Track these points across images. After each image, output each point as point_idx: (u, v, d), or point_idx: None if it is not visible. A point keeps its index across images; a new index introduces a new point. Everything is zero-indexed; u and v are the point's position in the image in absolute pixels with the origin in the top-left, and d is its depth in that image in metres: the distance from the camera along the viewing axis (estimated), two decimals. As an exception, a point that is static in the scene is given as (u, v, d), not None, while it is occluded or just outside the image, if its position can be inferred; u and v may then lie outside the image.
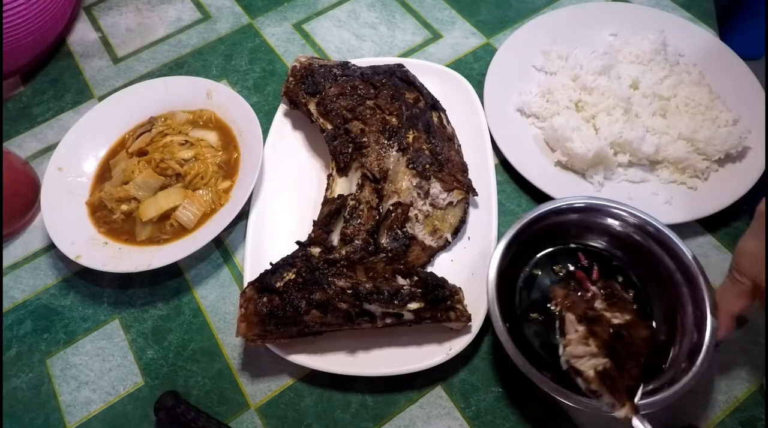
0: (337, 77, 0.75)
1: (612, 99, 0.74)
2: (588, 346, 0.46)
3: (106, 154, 0.78)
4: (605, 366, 0.45)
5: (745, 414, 0.60)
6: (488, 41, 0.90)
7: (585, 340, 0.46)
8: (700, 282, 0.57)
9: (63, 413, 0.64)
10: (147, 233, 0.71)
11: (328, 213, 0.66)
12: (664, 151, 0.72)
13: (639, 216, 0.62)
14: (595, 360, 0.45)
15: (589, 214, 0.64)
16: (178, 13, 0.98)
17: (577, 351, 0.46)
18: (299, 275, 0.60)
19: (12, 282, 0.73)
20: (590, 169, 0.72)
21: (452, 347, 0.61)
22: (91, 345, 0.68)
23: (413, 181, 0.67)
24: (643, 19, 0.85)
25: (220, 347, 0.67)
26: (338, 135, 0.70)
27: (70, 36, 0.96)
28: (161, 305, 0.70)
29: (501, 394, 0.62)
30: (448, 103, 0.77)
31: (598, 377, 0.44)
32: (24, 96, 0.90)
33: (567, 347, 0.47)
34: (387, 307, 0.58)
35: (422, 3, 0.95)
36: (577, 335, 0.47)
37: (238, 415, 0.62)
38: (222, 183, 0.74)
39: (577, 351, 0.46)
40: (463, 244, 0.69)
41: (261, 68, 0.90)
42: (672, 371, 0.55)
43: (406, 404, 0.62)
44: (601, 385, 0.44)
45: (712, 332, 0.54)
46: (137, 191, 0.72)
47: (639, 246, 0.62)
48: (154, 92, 0.81)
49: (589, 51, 0.81)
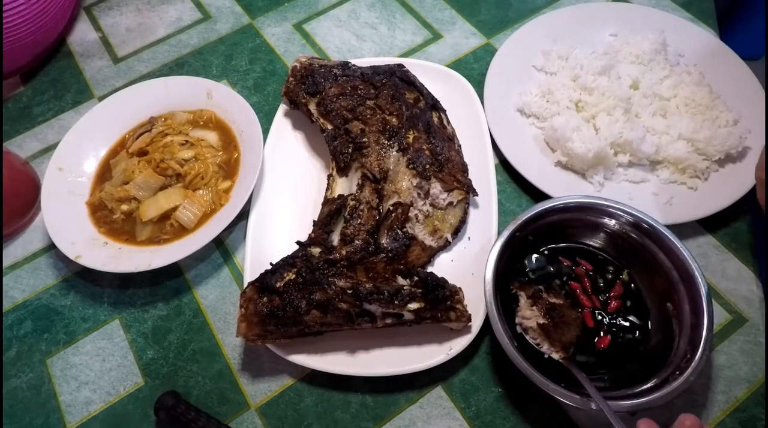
0: (338, 77, 0.75)
1: (612, 99, 0.74)
2: (532, 311, 0.60)
3: (107, 154, 0.78)
4: (545, 322, 0.59)
5: (745, 414, 0.60)
6: (488, 41, 0.90)
7: (531, 307, 0.60)
8: (697, 279, 0.57)
9: (63, 413, 0.64)
10: (147, 233, 0.71)
11: (329, 213, 0.66)
12: (664, 151, 0.72)
13: (635, 214, 0.62)
14: (538, 319, 0.59)
15: (585, 212, 0.64)
16: (178, 13, 0.98)
17: (526, 314, 0.60)
18: (299, 275, 0.60)
19: (12, 282, 0.73)
20: (590, 169, 0.72)
21: (452, 347, 0.61)
22: (92, 345, 0.68)
23: (413, 181, 0.67)
24: (643, 19, 0.85)
25: (220, 347, 0.67)
26: (338, 135, 0.70)
27: (70, 36, 0.96)
28: (161, 305, 0.70)
29: (501, 394, 0.62)
30: (448, 103, 0.77)
31: (540, 328, 0.59)
32: (24, 96, 0.90)
33: (519, 312, 0.61)
34: (387, 307, 0.58)
35: (422, 3, 0.95)
36: (525, 304, 0.61)
37: (238, 415, 0.62)
38: (222, 183, 0.74)
39: (526, 314, 0.60)
40: (463, 244, 0.69)
41: (261, 68, 0.90)
42: (671, 368, 0.55)
43: (406, 404, 0.62)
44: (541, 335, 0.59)
45: (709, 328, 0.55)
46: (137, 191, 0.72)
47: (635, 244, 0.63)
48: (155, 92, 0.81)
49: (589, 51, 0.82)
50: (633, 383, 0.55)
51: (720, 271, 0.68)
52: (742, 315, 0.65)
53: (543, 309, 0.59)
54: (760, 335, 0.63)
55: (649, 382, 0.54)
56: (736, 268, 0.68)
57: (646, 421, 0.50)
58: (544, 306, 0.60)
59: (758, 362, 0.62)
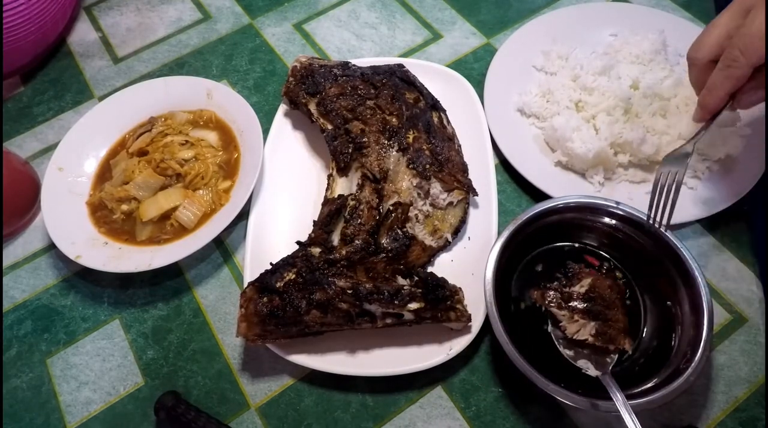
0: (338, 77, 0.75)
1: (612, 99, 0.74)
2: (576, 321, 0.57)
3: (107, 154, 0.78)
4: (596, 328, 0.56)
5: (745, 414, 0.60)
6: (488, 41, 0.90)
7: (572, 319, 0.57)
8: (698, 279, 0.57)
9: (63, 413, 0.64)
10: (147, 233, 0.71)
11: (329, 213, 0.66)
12: (664, 151, 0.72)
13: (635, 214, 0.62)
14: (588, 327, 0.56)
15: (585, 212, 0.64)
16: (178, 13, 0.98)
17: (572, 329, 0.57)
18: (299, 275, 0.60)
19: (12, 282, 0.73)
20: (590, 169, 0.72)
21: (452, 347, 0.61)
22: (92, 345, 0.68)
23: (413, 181, 0.67)
24: (643, 19, 0.85)
25: (220, 347, 0.67)
26: (338, 135, 0.70)
27: (70, 36, 0.96)
28: (161, 305, 0.70)
29: (501, 394, 0.62)
30: (448, 103, 0.77)
31: (596, 338, 0.56)
32: (24, 96, 0.90)
33: (565, 330, 0.58)
34: (387, 307, 0.58)
35: (422, 3, 0.95)
36: (565, 319, 0.58)
37: (238, 415, 0.62)
38: (222, 183, 0.74)
39: (572, 329, 0.57)
40: (463, 244, 0.69)
41: (261, 68, 0.90)
42: (671, 368, 0.55)
43: (406, 404, 0.62)
44: (601, 342, 0.56)
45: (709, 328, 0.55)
46: (137, 191, 0.72)
47: (635, 243, 0.63)
48: (155, 92, 0.81)
49: (589, 51, 0.82)
50: (633, 383, 0.55)
51: (720, 271, 0.68)
52: (742, 315, 0.65)
53: (582, 310, 0.57)
54: (760, 335, 0.63)
55: (649, 382, 0.54)
56: (736, 268, 0.68)
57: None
58: (580, 301, 0.57)
59: (758, 362, 0.62)
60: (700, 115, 0.61)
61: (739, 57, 0.53)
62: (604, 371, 0.55)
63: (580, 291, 0.59)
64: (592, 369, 0.56)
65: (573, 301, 0.59)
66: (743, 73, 0.54)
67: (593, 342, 0.57)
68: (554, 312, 0.60)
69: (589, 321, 0.57)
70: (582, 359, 0.57)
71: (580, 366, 0.57)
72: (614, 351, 0.57)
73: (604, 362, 0.57)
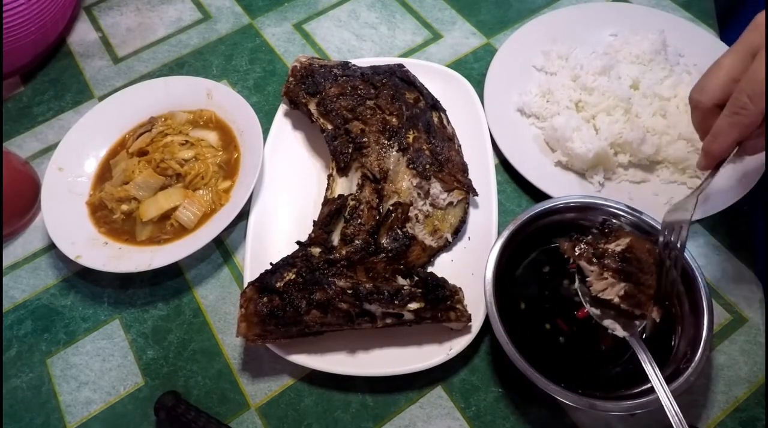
0: (338, 77, 0.75)
1: (612, 99, 0.74)
2: (605, 279, 0.54)
3: (107, 154, 0.78)
4: (625, 290, 0.53)
5: (745, 414, 0.60)
6: (488, 41, 0.90)
7: (600, 276, 0.54)
8: (698, 279, 0.57)
9: (63, 413, 0.64)
10: (147, 233, 0.71)
11: (329, 213, 0.66)
12: (664, 151, 0.72)
13: (635, 214, 0.62)
14: (617, 288, 0.53)
15: (585, 212, 0.64)
16: (178, 13, 0.98)
17: (599, 286, 0.54)
18: (299, 275, 0.60)
19: (12, 282, 0.73)
20: (590, 170, 0.72)
21: (452, 347, 0.61)
22: (92, 345, 0.68)
23: (413, 181, 0.67)
24: (643, 19, 0.85)
25: (220, 347, 0.67)
26: (338, 135, 0.70)
27: (70, 36, 0.96)
28: (161, 305, 0.70)
29: (501, 394, 0.62)
30: (448, 103, 0.77)
31: (624, 300, 0.53)
32: (24, 96, 0.90)
33: (591, 287, 0.55)
34: (387, 307, 0.58)
35: (422, 3, 0.95)
36: (593, 275, 0.55)
37: (239, 415, 0.62)
38: (222, 183, 0.74)
39: (599, 286, 0.54)
40: (463, 244, 0.69)
41: (261, 68, 0.90)
42: (671, 368, 0.55)
43: (406, 404, 0.62)
44: (628, 306, 0.53)
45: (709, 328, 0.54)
46: (137, 191, 0.72)
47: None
48: (155, 92, 0.81)
49: (589, 51, 0.82)
50: (633, 383, 0.55)
51: (720, 271, 0.68)
52: (742, 315, 0.65)
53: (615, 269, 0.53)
54: (760, 335, 0.63)
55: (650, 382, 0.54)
56: (736, 268, 0.68)
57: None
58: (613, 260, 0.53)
59: (758, 362, 0.62)
60: (705, 163, 0.56)
61: (748, 104, 0.49)
62: (632, 332, 0.53)
63: (615, 249, 0.55)
64: (620, 330, 0.54)
65: (606, 258, 0.55)
66: (752, 120, 0.50)
67: (619, 303, 0.54)
68: (582, 266, 0.56)
69: (618, 281, 0.54)
70: (608, 319, 0.55)
71: (606, 326, 0.55)
72: (640, 317, 0.55)
73: (631, 324, 0.55)
